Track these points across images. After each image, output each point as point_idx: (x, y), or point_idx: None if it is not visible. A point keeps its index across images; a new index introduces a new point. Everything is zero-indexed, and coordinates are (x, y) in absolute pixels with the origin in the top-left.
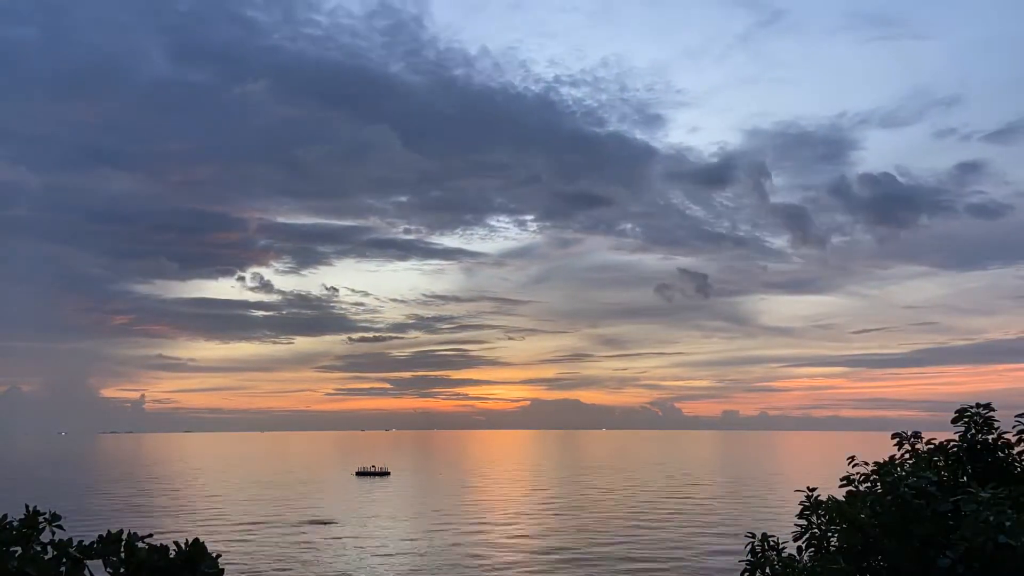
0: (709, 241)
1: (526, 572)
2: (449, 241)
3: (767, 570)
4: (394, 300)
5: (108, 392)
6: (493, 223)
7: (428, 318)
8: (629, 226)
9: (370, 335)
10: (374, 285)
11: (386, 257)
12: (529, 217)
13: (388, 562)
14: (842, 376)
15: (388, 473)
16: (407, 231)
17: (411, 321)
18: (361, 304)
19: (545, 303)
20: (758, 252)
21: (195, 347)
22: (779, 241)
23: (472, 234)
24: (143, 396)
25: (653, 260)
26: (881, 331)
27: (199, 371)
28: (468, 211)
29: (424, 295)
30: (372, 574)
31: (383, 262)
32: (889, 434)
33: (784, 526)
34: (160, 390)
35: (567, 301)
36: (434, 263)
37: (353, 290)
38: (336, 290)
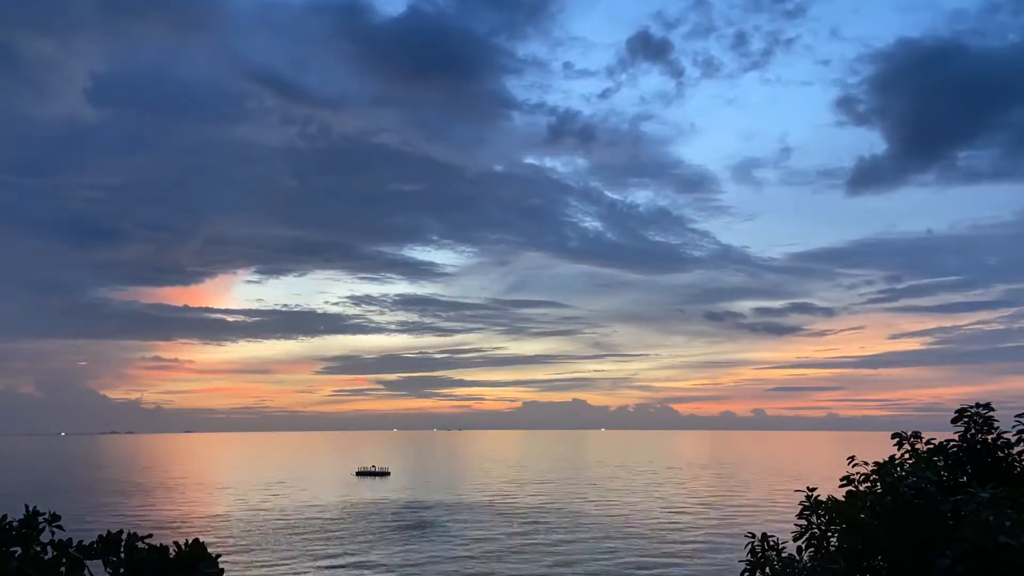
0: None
1: None
2: (419, 255)
3: (767, 570)
4: (382, 306)
5: (107, 393)
6: (461, 234)
7: (412, 323)
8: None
9: (363, 338)
10: (360, 291)
11: (364, 267)
12: (496, 236)
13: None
14: (835, 377)
15: (388, 473)
16: (378, 242)
17: (394, 325)
18: (350, 309)
19: (532, 306)
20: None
21: (193, 349)
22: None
23: (441, 246)
24: (142, 396)
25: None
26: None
27: (198, 372)
28: (433, 229)
29: (405, 300)
30: None
31: (360, 270)
32: (889, 434)
33: (785, 526)
34: (159, 391)
35: (552, 305)
36: (411, 271)
37: (340, 296)
38: (323, 296)
